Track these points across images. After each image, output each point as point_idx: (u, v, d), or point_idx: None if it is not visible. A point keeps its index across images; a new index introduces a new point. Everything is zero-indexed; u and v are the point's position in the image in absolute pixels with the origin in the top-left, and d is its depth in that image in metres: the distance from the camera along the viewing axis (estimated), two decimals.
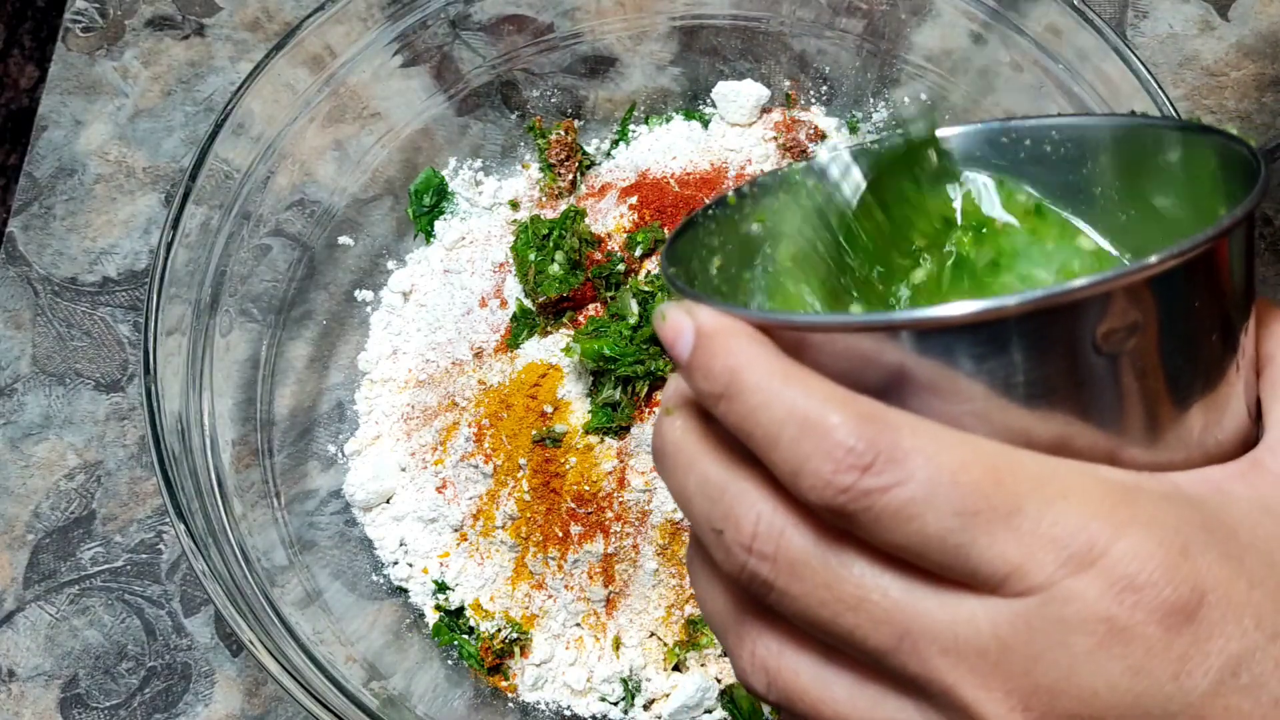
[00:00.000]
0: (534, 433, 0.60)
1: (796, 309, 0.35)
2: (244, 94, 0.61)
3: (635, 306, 0.60)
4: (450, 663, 0.62)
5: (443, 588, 0.62)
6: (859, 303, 0.36)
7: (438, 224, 0.70)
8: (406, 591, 0.63)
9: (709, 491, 0.30)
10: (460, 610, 0.62)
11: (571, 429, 0.59)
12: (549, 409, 0.60)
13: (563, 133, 0.70)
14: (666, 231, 0.63)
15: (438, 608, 0.62)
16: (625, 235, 0.64)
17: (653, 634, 0.61)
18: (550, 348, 0.62)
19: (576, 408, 0.60)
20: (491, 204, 0.71)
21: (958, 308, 0.27)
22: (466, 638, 0.62)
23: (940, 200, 0.36)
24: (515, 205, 0.71)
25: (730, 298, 0.36)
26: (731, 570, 0.30)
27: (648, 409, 0.59)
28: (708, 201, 0.38)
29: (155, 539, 0.66)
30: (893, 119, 0.70)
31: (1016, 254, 0.35)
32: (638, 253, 0.63)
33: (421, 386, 0.65)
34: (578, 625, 0.61)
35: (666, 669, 0.61)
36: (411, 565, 0.63)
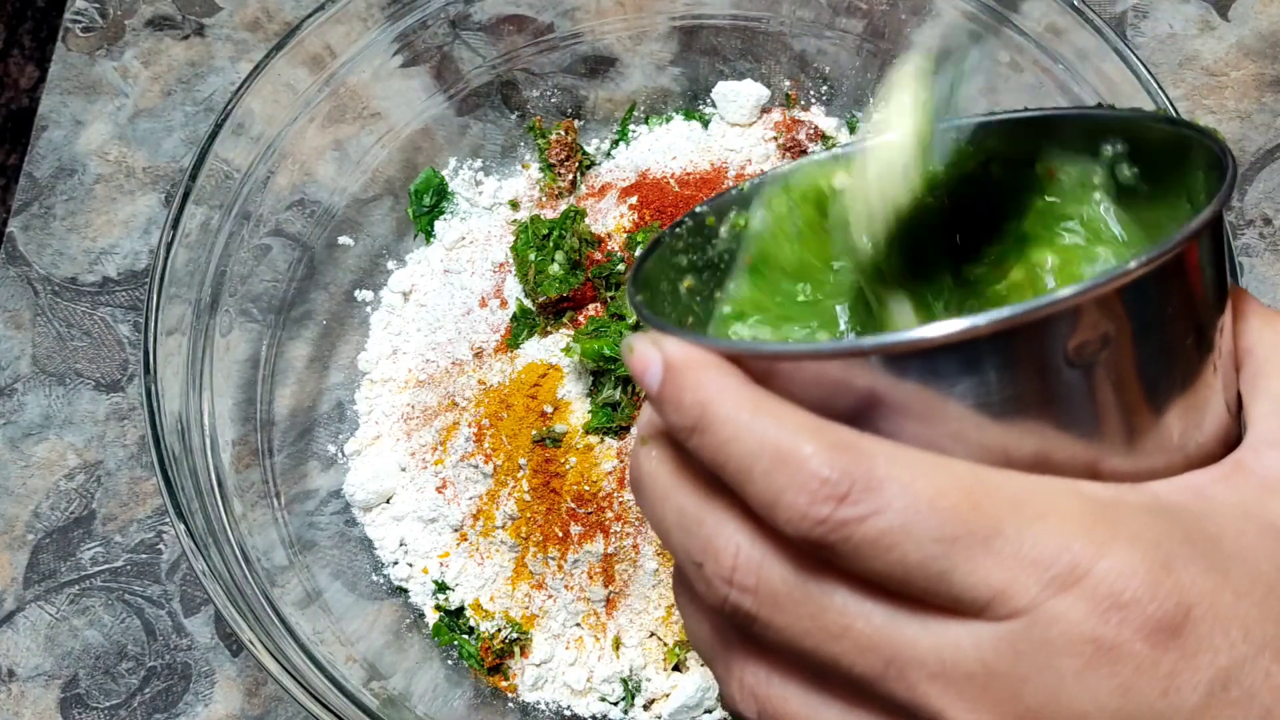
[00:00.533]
0: (534, 433, 0.60)
1: (770, 331, 0.34)
2: (244, 94, 0.61)
3: None
4: (450, 663, 0.62)
5: (443, 588, 0.62)
6: (857, 310, 0.35)
7: (438, 224, 0.70)
8: (406, 591, 0.63)
9: (686, 524, 0.30)
10: (460, 610, 0.62)
11: (571, 429, 0.59)
12: (549, 409, 0.60)
13: (563, 133, 0.70)
14: None
15: (438, 608, 0.62)
16: (625, 235, 0.64)
17: (653, 634, 0.61)
18: (550, 348, 0.62)
19: (576, 408, 0.60)
20: (491, 204, 0.71)
21: (927, 330, 0.27)
22: (466, 638, 0.62)
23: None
24: (515, 205, 0.71)
25: (703, 321, 0.35)
26: (714, 603, 0.29)
27: None
28: (674, 221, 0.37)
29: (155, 539, 0.66)
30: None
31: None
32: (638, 253, 0.63)
33: (421, 386, 0.65)
34: (578, 625, 0.61)
35: (666, 669, 0.61)
36: (411, 565, 0.63)
